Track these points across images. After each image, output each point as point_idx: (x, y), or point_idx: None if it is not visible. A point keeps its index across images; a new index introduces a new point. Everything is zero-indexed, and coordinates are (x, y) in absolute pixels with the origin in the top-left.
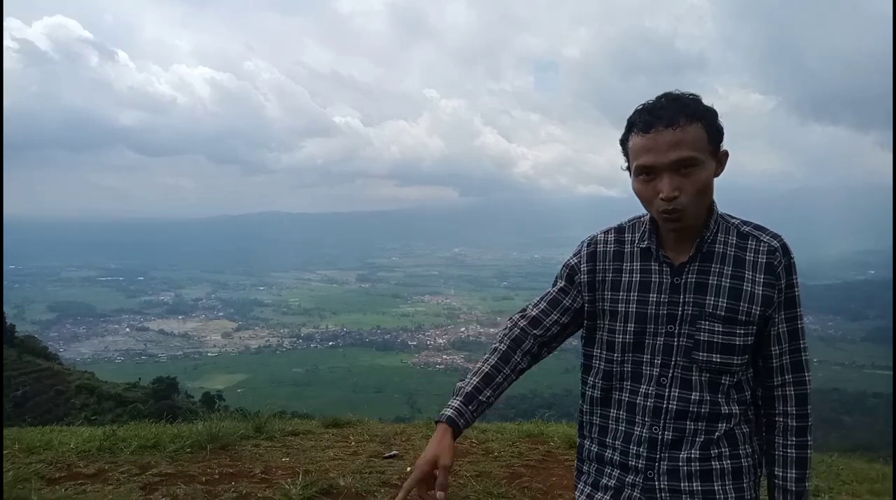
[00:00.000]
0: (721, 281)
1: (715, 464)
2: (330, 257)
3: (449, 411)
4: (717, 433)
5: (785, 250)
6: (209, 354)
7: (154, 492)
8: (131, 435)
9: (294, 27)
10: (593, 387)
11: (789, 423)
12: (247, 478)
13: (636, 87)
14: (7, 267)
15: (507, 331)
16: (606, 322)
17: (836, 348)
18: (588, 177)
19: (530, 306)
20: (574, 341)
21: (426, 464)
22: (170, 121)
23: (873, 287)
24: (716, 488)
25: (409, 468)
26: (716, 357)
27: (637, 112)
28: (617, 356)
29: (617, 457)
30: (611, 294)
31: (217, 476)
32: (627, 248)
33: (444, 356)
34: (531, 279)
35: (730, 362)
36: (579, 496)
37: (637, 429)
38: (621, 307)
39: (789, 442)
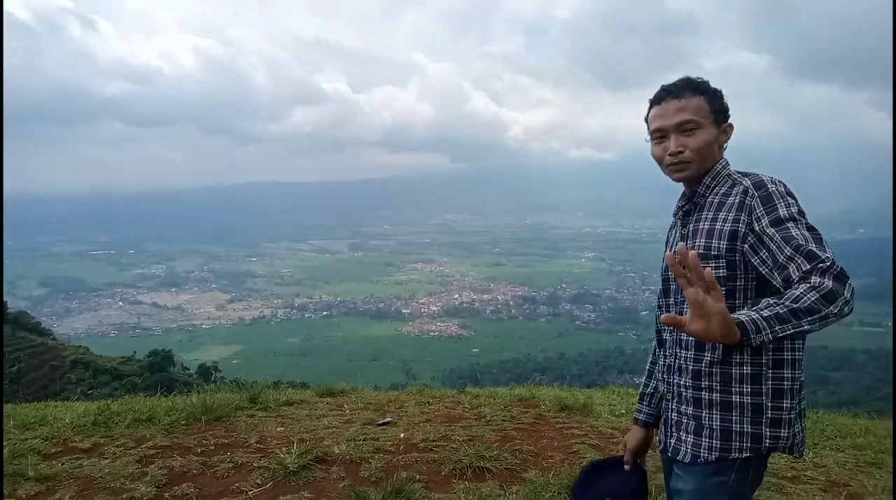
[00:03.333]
0: (704, 225)
1: (704, 394)
2: (322, 227)
3: (635, 413)
4: (703, 362)
5: (759, 185)
6: (203, 326)
7: (150, 465)
8: (126, 409)
9: None
10: (658, 332)
11: (815, 287)
12: (242, 448)
13: (628, 48)
14: None
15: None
16: (663, 275)
17: None
18: (580, 140)
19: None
20: (566, 306)
21: (621, 446)
22: (157, 91)
23: (863, 245)
24: (703, 413)
25: (402, 434)
26: None
27: (656, 92)
28: (663, 302)
29: (662, 387)
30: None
31: (212, 447)
32: (677, 214)
33: (438, 323)
34: (524, 245)
35: None
36: None
37: (666, 360)
38: (663, 264)
39: (801, 294)
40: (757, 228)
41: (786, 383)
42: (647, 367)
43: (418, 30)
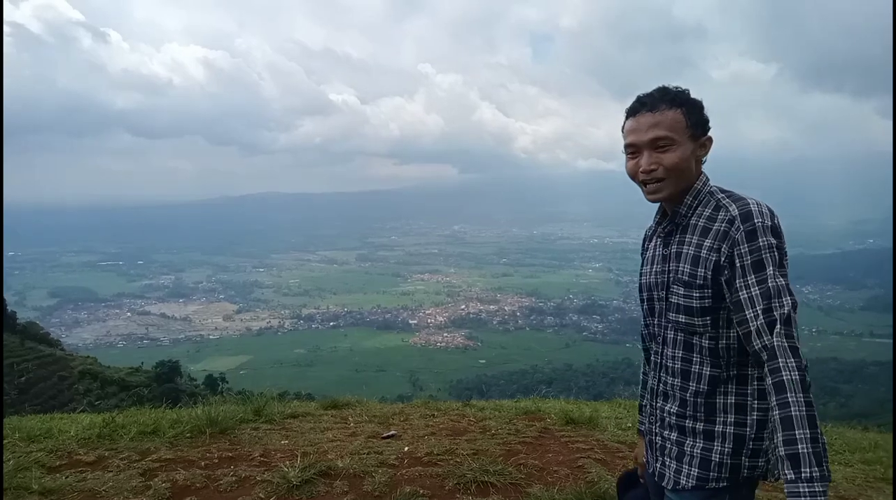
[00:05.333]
0: (689, 250)
1: (688, 422)
2: (329, 238)
3: (637, 425)
4: (688, 393)
5: (746, 216)
6: (211, 337)
7: (154, 478)
8: (130, 422)
9: (286, 3)
10: (645, 349)
11: (788, 377)
12: (246, 461)
13: (635, 56)
14: (7, 254)
15: (642, 337)
16: (640, 295)
17: (835, 317)
18: (587, 151)
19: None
20: (574, 316)
21: (632, 458)
22: (166, 102)
23: (872, 256)
24: (686, 441)
25: (406, 448)
26: (681, 318)
27: (631, 103)
28: (646, 321)
29: (647, 408)
30: (642, 269)
31: (216, 460)
32: (656, 230)
33: (445, 334)
34: (531, 256)
35: (692, 322)
36: None
37: (650, 382)
38: (642, 280)
39: (789, 399)
40: (737, 266)
41: (769, 413)
42: (641, 377)
43: (424, 40)
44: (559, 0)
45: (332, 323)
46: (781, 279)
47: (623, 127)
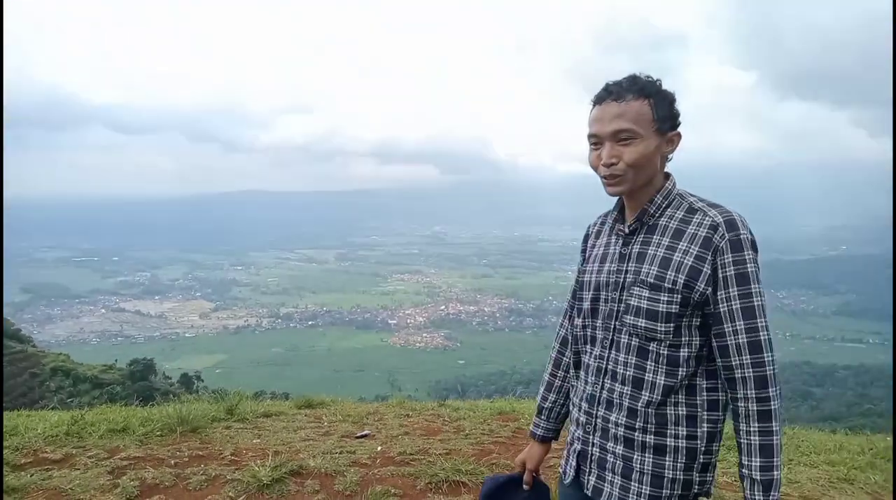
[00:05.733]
0: (657, 251)
1: (637, 435)
2: (309, 236)
3: (530, 428)
4: (639, 402)
5: (731, 225)
6: (186, 335)
7: (122, 476)
8: (100, 419)
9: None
10: (575, 351)
11: (750, 407)
12: (216, 460)
13: (616, 63)
14: None
15: (556, 337)
16: (579, 293)
17: (808, 322)
18: (567, 154)
19: (567, 303)
20: (553, 318)
21: (517, 464)
22: (145, 98)
23: (845, 262)
24: (635, 456)
25: (379, 447)
26: (641, 322)
27: (599, 90)
28: (580, 322)
29: (576, 414)
30: (584, 267)
31: (186, 459)
32: (605, 227)
33: (425, 335)
34: (511, 257)
35: (653, 327)
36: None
37: (585, 387)
38: (586, 277)
39: (751, 429)
40: (720, 276)
41: (718, 424)
42: (546, 378)
43: (409, 41)
44: (542, 6)
45: (310, 322)
46: (762, 298)
47: (589, 115)
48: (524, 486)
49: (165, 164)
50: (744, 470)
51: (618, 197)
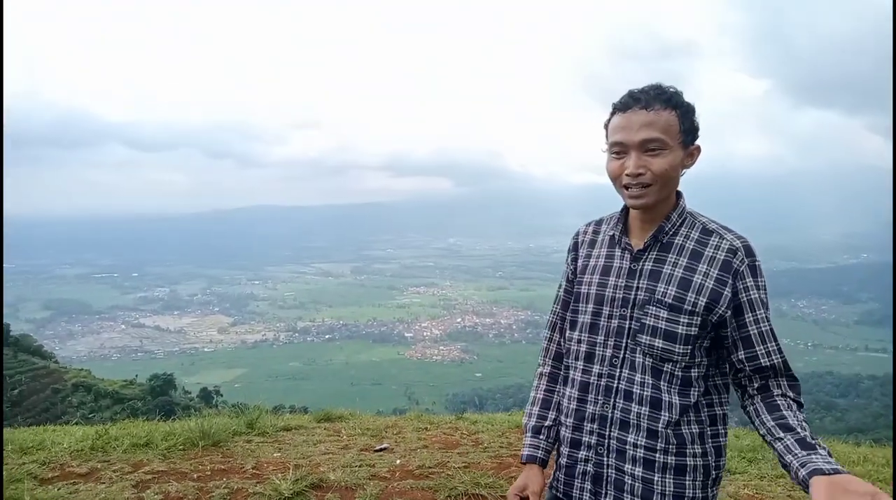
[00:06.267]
0: (674, 271)
1: (659, 456)
2: (324, 250)
3: (526, 451)
4: (660, 423)
5: (748, 250)
6: (205, 349)
7: (146, 490)
8: (123, 434)
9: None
10: (565, 366)
11: (794, 406)
12: (238, 474)
13: (627, 73)
14: None
15: (544, 351)
16: (574, 305)
17: (830, 331)
18: (581, 165)
19: (551, 315)
20: None
21: (514, 489)
22: (160, 115)
23: (866, 270)
24: (656, 478)
25: (398, 461)
26: (658, 342)
27: (622, 97)
28: (576, 336)
29: (569, 435)
30: (580, 277)
31: (209, 473)
32: (600, 236)
33: (441, 347)
34: (526, 268)
35: (671, 349)
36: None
37: (590, 407)
38: (584, 289)
39: (798, 415)
40: (743, 299)
41: (721, 439)
42: (541, 395)
43: (419, 53)
44: (551, 17)
45: (327, 336)
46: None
47: (608, 122)
48: None
49: (181, 180)
50: (794, 435)
51: (637, 209)
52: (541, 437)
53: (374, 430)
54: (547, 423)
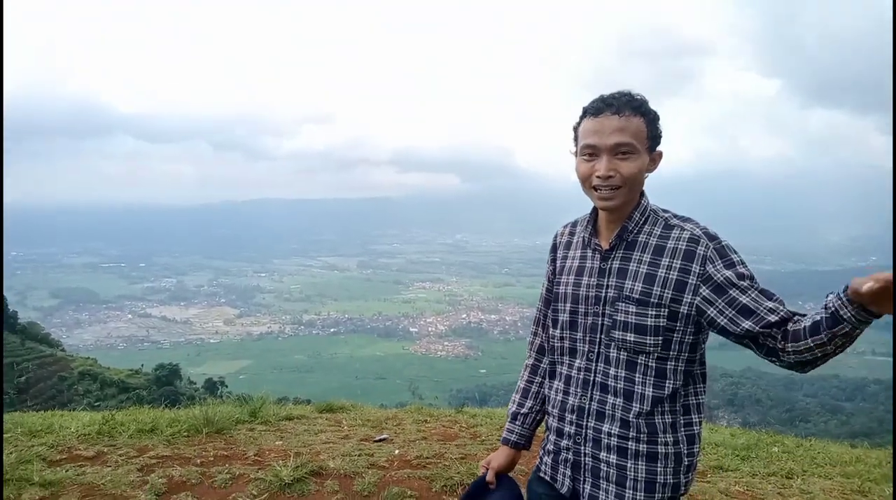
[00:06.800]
0: (639, 267)
1: (631, 444)
2: (331, 244)
3: (504, 434)
4: (632, 412)
5: (710, 236)
6: (211, 340)
7: (150, 473)
8: (130, 420)
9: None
10: (552, 361)
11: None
12: (240, 460)
13: (636, 72)
14: (9, 254)
15: (529, 345)
16: (554, 304)
17: None
18: None
19: (537, 312)
20: None
21: (484, 462)
22: (169, 106)
23: (874, 273)
24: (629, 464)
25: (397, 451)
26: (630, 336)
27: (592, 101)
28: (558, 333)
29: (555, 424)
30: (559, 278)
31: (212, 458)
32: (575, 238)
33: (446, 343)
34: (532, 265)
35: (643, 341)
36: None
37: (570, 399)
38: (562, 289)
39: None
40: (719, 278)
41: (694, 427)
42: (523, 384)
43: (427, 51)
44: (562, 15)
45: (332, 329)
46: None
47: (578, 125)
48: (489, 485)
49: (190, 172)
50: (829, 307)
51: (606, 210)
52: (516, 423)
53: (375, 421)
54: (524, 410)
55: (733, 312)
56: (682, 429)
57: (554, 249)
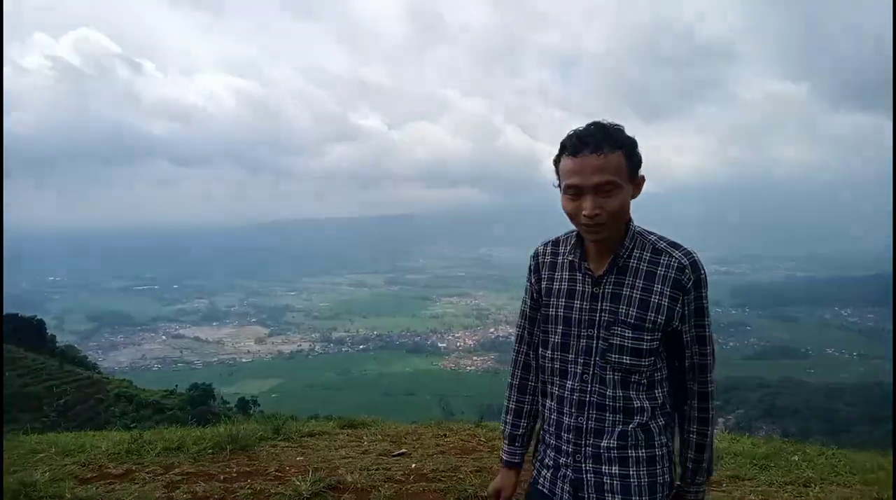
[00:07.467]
0: (633, 292)
1: (631, 452)
2: (359, 261)
3: (504, 457)
4: (631, 425)
5: (694, 266)
6: (243, 360)
7: (176, 490)
8: (157, 438)
9: (312, 32)
10: (543, 382)
11: (693, 414)
12: (262, 476)
13: (661, 79)
14: (46, 278)
15: (513, 363)
16: (544, 325)
17: (876, 340)
18: None
19: (518, 329)
20: None
21: (492, 490)
22: (200, 131)
23: None
24: (631, 472)
25: (413, 465)
26: (626, 359)
27: (568, 137)
28: (549, 354)
29: (552, 441)
30: (547, 300)
31: (235, 475)
32: (560, 259)
33: (475, 358)
34: None
35: (638, 363)
36: (534, 472)
37: (566, 419)
38: (552, 311)
39: (692, 429)
40: (686, 312)
41: (670, 416)
42: (513, 405)
43: (449, 66)
44: (583, 24)
45: (361, 346)
46: (710, 330)
47: (558, 162)
48: None
49: (221, 194)
50: (683, 459)
51: (595, 243)
52: (516, 445)
53: (395, 436)
54: (520, 432)
55: (677, 342)
56: (669, 427)
57: (537, 269)
